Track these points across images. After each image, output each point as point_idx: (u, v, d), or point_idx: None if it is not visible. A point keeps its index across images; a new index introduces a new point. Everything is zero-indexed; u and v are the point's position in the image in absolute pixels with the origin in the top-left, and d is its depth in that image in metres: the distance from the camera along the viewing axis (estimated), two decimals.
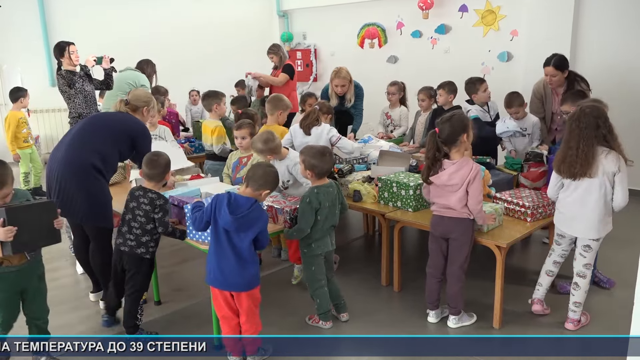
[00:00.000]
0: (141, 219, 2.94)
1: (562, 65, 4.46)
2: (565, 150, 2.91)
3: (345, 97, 5.12)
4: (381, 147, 4.53)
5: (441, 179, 2.99)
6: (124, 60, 6.84)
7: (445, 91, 4.85)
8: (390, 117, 5.53)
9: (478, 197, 2.97)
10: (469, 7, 6.98)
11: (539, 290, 3.28)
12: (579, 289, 3.07)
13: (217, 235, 2.65)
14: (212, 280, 2.71)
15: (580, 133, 2.84)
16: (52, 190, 3.20)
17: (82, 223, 3.31)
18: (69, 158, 3.15)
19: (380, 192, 3.64)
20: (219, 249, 2.65)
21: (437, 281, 3.18)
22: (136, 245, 2.97)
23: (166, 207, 2.96)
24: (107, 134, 3.27)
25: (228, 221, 2.58)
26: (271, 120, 4.38)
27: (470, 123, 3.04)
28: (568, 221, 3.02)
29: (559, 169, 2.96)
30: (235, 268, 2.64)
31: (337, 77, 5.00)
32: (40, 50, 7.92)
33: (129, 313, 3.05)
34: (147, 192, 2.94)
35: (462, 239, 3.02)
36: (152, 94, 5.65)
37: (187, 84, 7.95)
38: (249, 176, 2.72)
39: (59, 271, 4.12)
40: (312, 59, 9.25)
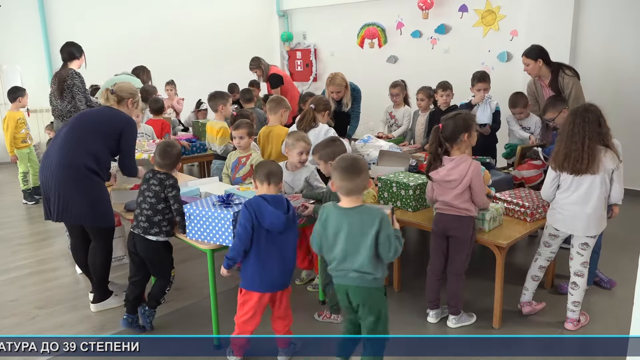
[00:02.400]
0: (151, 199, 2.99)
1: (531, 54, 4.51)
2: (568, 145, 2.89)
3: (342, 102, 5.08)
4: (381, 147, 4.53)
5: (439, 175, 3.02)
6: (124, 60, 6.86)
7: (447, 93, 4.87)
8: (394, 116, 5.53)
9: (482, 193, 3.01)
10: (469, 7, 6.98)
11: (525, 294, 3.28)
12: (577, 288, 3.07)
13: (259, 239, 2.59)
14: (257, 285, 2.65)
15: (586, 128, 2.85)
16: (50, 196, 3.18)
17: (85, 225, 3.30)
18: (63, 163, 3.13)
19: (380, 192, 3.64)
20: (263, 253, 2.61)
21: (437, 279, 3.19)
22: (149, 226, 3.00)
23: (177, 185, 3.05)
24: (96, 134, 3.25)
25: (280, 221, 2.53)
26: (274, 120, 4.36)
27: (475, 125, 3.04)
28: (568, 220, 3.01)
29: (561, 165, 2.93)
30: (281, 268, 2.66)
31: (332, 84, 4.93)
32: (40, 50, 7.92)
33: (154, 296, 3.18)
34: (157, 173, 3.05)
35: (462, 236, 3.03)
36: (143, 96, 5.73)
37: (187, 83, 7.95)
38: (270, 173, 2.66)
39: (59, 271, 4.13)
40: (312, 58, 9.25)
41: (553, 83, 4.50)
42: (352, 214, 2.39)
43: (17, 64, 7.98)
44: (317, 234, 2.49)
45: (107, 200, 3.31)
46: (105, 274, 3.45)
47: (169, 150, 3.09)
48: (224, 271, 2.70)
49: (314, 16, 9.16)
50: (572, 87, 4.36)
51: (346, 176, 2.36)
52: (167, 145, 3.14)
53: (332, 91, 4.98)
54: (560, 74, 4.45)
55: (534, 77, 4.67)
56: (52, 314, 3.47)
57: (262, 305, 2.70)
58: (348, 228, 2.38)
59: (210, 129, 4.65)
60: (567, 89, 4.40)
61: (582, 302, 3.11)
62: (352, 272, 2.40)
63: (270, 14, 9.56)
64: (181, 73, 8.24)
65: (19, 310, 3.54)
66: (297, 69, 9.54)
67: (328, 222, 2.43)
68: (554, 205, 3.09)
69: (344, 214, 2.40)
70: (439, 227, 3.12)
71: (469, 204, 3.00)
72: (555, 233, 3.11)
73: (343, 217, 2.40)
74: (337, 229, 2.40)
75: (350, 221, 2.38)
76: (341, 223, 2.40)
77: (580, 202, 2.94)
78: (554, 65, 4.51)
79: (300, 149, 3.40)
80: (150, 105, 5.56)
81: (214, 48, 8.98)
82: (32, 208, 5.95)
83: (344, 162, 2.42)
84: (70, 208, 3.14)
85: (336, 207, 2.44)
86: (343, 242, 2.39)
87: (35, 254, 4.56)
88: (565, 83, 4.42)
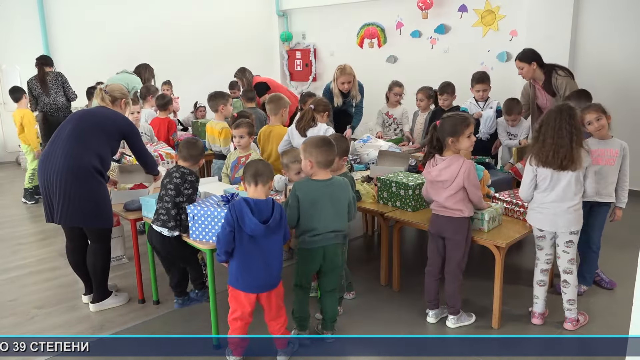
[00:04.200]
0: (171, 192, 3.01)
1: (524, 57, 4.54)
2: (557, 141, 2.86)
3: (350, 94, 5.11)
4: (380, 147, 4.53)
5: (431, 175, 3.04)
6: (123, 60, 6.86)
7: (449, 94, 4.87)
8: (392, 116, 5.51)
9: (477, 191, 3.01)
10: (469, 7, 6.98)
11: (537, 303, 3.20)
12: (569, 286, 3.08)
13: (241, 241, 2.59)
14: (240, 285, 2.66)
15: (572, 124, 2.85)
16: (53, 198, 3.15)
17: (85, 226, 3.29)
18: (70, 164, 3.10)
19: (380, 192, 3.64)
20: (246, 254, 2.61)
21: (435, 279, 3.19)
22: (167, 219, 3.01)
23: (196, 185, 3.09)
24: (101, 134, 3.25)
25: (260, 230, 2.53)
26: (275, 120, 4.35)
27: (467, 130, 2.97)
28: (550, 218, 3.00)
29: (545, 161, 2.90)
30: (265, 270, 2.64)
31: (343, 74, 5.00)
32: (39, 49, 7.90)
33: (194, 280, 3.35)
34: (180, 167, 3.10)
35: (457, 237, 3.03)
36: (143, 93, 5.76)
37: (187, 83, 7.95)
38: (257, 173, 2.64)
39: (58, 270, 4.12)
40: (312, 58, 9.25)
41: (547, 84, 4.50)
42: (329, 185, 2.84)
43: (16, 63, 7.97)
44: (293, 209, 2.78)
45: (108, 202, 3.32)
46: (105, 274, 3.44)
47: (194, 142, 3.21)
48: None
49: (313, 16, 9.16)
50: (566, 87, 4.37)
51: (322, 150, 2.79)
52: (192, 138, 3.34)
53: (343, 81, 5.03)
54: (554, 75, 4.46)
55: (528, 80, 4.68)
56: (52, 314, 3.46)
57: (249, 304, 2.68)
58: (329, 197, 2.82)
59: (211, 130, 4.64)
60: (561, 89, 4.41)
61: (582, 302, 3.11)
62: (330, 234, 2.84)
63: (270, 14, 9.56)
64: (181, 73, 8.24)
65: (18, 309, 3.53)
66: (296, 68, 9.54)
67: (307, 196, 2.78)
68: (532, 205, 3.08)
69: (323, 185, 2.82)
70: (434, 228, 3.12)
71: (462, 204, 2.99)
72: (541, 234, 3.10)
73: (323, 189, 2.82)
74: (316, 200, 2.79)
75: (330, 191, 2.83)
76: (321, 194, 2.81)
77: (559, 200, 2.95)
78: (547, 67, 4.52)
79: (297, 170, 3.38)
80: (157, 102, 5.54)
81: (214, 48, 8.99)
82: (32, 207, 5.94)
83: (316, 140, 2.87)
84: (75, 209, 3.13)
85: (311, 181, 2.84)
86: (328, 209, 2.81)
87: (35, 253, 4.56)
88: (559, 83, 4.43)
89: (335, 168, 3.18)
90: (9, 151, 8.22)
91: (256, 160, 2.89)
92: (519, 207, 3.32)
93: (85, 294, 3.57)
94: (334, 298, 3.02)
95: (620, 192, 3.38)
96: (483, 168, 3.56)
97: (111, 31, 8.01)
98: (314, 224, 2.81)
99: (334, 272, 2.96)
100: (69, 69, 7.68)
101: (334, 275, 2.97)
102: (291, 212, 2.79)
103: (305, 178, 2.94)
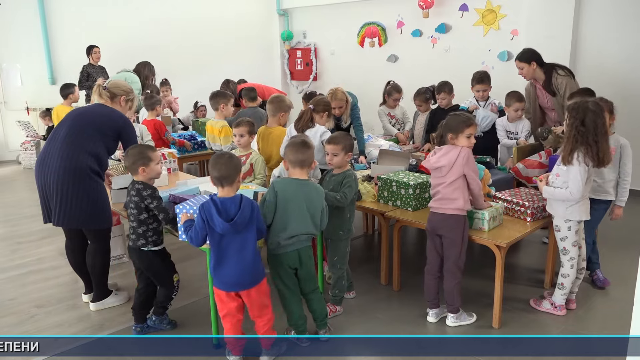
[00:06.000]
0: (133, 210, 2.95)
1: (524, 57, 4.53)
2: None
3: (341, 119, 4.84)
4: (381, 147, 4.52)
5: (430, 162, 3.07)
6: (123, 60, 6.86)
7: (446, 93, 4.86)
8: (394, 116, 5.50)
9: (477, 180, 3.02)
10: (470, 6, 6.98)
11: (572, 294, 3.27)
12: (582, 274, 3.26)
13: (213, 240, 2.60)
14: (217, 283, 2.67)
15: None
16: (50, 198, 3.15)
17: (84, 227, 3.28)
18: (66, 165, 3.09)
19: (380, 191, 3.64)
20: (221, 253, 2.61)
21: (434, 278, 3.19)
22: (136, 238, 2.98)
23: (156, 194, 2.93)
24: (96, 133, 3.22)
25: (226, 228, 2.53)
26: (272, 121, 4.33)
27: (467, 130, 2.97)
28: (587, 207, 3.09)
29: (599, 161, 2.92)
30: (240, 267, 2.62)
31: (334, 100, 4.62)
32: (39, 48, 7.92)
33: (159, 303, 3.14)
34: (135, 183, 2.95)
35: (452, 235, 3.03)
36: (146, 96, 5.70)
37: (187, 82, 7.95)
38: (221, 177, 2.58)
39: (58, 269, 4.12)
40: (312, 57, 9.24)
41: (547, 84, 4.49)
42: (305, 185, 2.84)
43: (17, 62, 7.98)
44: (270, 205, 2.78)
45: (106, 201, 3.30)
46: (105, 273, 3.44)
47: (131, 151, 2.98)
48: None
49: (314, 15, 9.16)
50: (566, 86, 4.36)
51: (298, 149, 2.84)
52: (131, 147, 3.08)
53: (334, 107, 4.71)
54: (554, 74, 4.45)
55: (529, 80, 4.67)
56: (51, 313, 3.46)
57: (232, 302, 2.67)
58: (305, 197, 2.81)
59: (210, 129, 4.64)
60: (561, 88, 4.40)
61: (582, 302, 3.09)
62: (303, 236, 2.83)
63: (271, 13, 9.56)
64: (181, 72, 8.26)
65: (17, 309, 3.53)
66: (297, 68, 9.54)
67: (284, 193, 2.79)
68: (583, 200, 3.06)
69: (299, 184, 2.83)
70: (430, 226, 3.14)
71: (459, 193, 2.97)
72: (579, 227, 3.15)
73: (299, 187, 2.82)
74: (290, 198, 2.79)
75: (306, 191, 2.83)
76: (297, 192, 2.80)
77: (589, 192, 3.08)
78: (547, 67, 4.51)
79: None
80: (145, 102, 5.46)
81: (214, 47, 8.99)
82: (32, 207, 5.94)
83: (296, 140, 2.94)
84: (73, 211, 3.11)
85: (289, 179, 2.87)
86: (303, 210, 2.79)
87: (35, 252, 4.55)
88: (559, 83, 4.41)
89: (339, 164, 3.21)
90: (10, 150, 8.23)
91: (219, 162, 2.62)
92: (520, 207, 3.32)
93: (86, 293, 3.57)
94: (318, 297, 3.01)
95: (620, 191, 3.38)
96: (484, 167, 3.55)
97: (111, 30, 8.01)
98: (290, 222, 2.78)
99: (309, 275, 2.95)
100: (69, 68, 7.70)
101: (311, 278, 2.96)
102: (269, 207, 2.78)
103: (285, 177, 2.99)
